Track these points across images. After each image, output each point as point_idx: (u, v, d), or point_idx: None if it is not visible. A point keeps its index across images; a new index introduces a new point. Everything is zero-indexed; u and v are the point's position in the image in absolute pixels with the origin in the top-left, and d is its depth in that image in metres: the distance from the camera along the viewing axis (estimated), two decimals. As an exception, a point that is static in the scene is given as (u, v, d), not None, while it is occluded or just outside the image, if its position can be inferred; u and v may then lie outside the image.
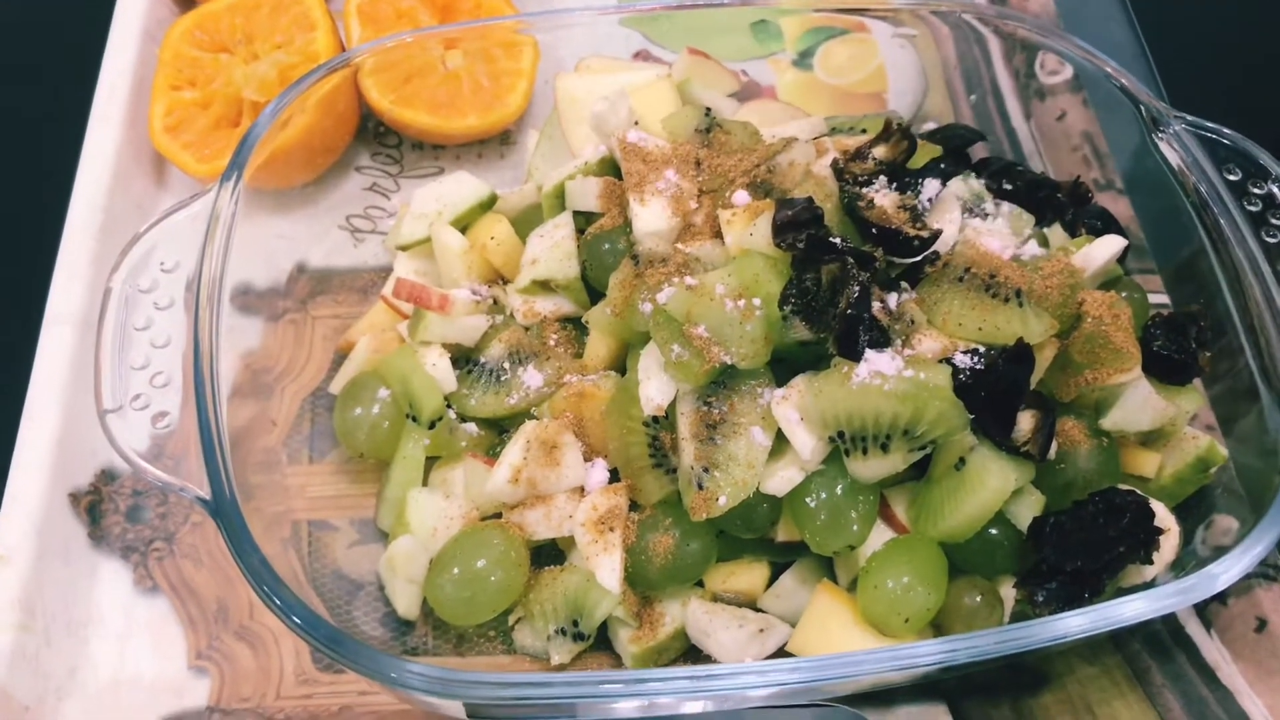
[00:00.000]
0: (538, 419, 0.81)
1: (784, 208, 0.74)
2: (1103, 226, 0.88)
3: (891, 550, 0.74)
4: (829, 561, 0.78)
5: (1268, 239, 0.80)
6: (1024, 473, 0.73)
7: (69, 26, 1.19)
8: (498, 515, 0.80)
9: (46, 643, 0.79)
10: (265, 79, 0.99)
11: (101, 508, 0.86)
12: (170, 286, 0.78)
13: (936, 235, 0.76)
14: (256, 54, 1.01)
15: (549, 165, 0.95)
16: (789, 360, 0.75)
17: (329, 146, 1.00)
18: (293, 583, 0.68)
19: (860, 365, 0.70)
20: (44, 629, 0.79)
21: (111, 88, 1.01)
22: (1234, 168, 0.83)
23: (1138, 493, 0.76)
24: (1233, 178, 0.83)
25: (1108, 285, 0.83)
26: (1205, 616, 0.82)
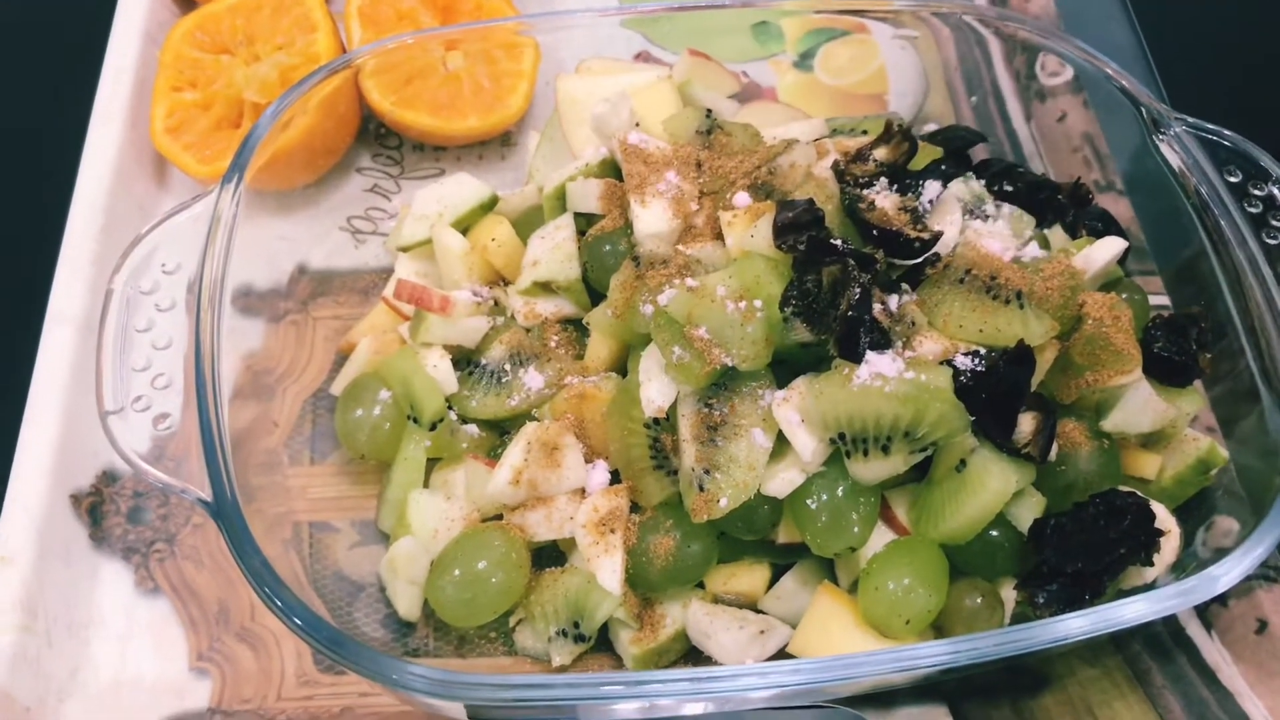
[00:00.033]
0: (539, 420, 0.81)
1: (785, 209, 0.74)
2: (1103, 228, 0.88)
3: (892, 552, 0.74)
4: (830, 563, 0.78)
5: (1268, 240, 0.80)
6: (1025, 474, 0.73)
7: (69, 27, 1.19)
8: (499, 517, 0.80)
9: (48, 644, 0.79)
10: (266, 80, 0.99)
11: (103, 509, 0.86)
12: (172, 288, 0.78)
13: (937, 237, 0.76)
14: (257, 55, 1.01)
15: (550, 167, 0.95)
16: (790, 362, 0.75)
17: (330, 148, 1.00)
18: (294, 584, 0.68)
19: (861, 367, 0.70)
20: (45, 630, 0.79)
21: (112, 89, 1.01)
22: (1234, 169, 0.83)
23: (1138, 494, 0.76)
24: (1233, 179, 0.83)
25: (1108, 287, 0.83)
26: (1206, 618, 0.82)
